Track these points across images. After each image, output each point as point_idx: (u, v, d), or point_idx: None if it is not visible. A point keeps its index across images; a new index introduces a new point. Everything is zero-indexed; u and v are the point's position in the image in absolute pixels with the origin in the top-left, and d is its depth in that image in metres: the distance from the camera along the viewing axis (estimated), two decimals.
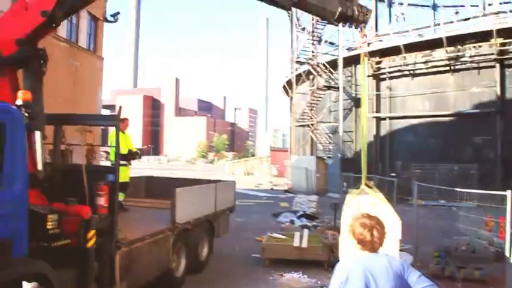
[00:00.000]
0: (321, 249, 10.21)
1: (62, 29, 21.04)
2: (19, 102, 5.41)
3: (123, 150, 9.13)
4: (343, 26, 8.53)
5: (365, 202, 6.51)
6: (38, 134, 5.88)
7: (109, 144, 9.07)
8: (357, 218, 3.20)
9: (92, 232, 5.65)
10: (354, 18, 8.02)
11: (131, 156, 9.64)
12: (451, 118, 27.67)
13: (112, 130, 8.96)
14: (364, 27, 8.41)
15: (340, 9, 7.75)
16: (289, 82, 39.19)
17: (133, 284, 6.63)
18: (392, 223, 5.93)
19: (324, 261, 10.14)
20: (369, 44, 31.65)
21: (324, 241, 10.34)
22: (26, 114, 5.31)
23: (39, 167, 5.85)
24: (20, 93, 5.55)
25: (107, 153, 11.58)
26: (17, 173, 4.66)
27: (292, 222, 16.10)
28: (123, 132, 9.60)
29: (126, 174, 9.59)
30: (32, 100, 5.63)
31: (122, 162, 8.34)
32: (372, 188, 7.08)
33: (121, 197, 8.87)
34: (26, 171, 4.88)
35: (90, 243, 5.66)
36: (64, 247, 5.30)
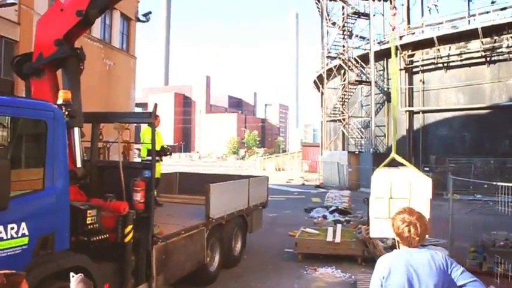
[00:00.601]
0: (354, 243, 10.18)
1: (96, 30, 21.47)
2: (60, 101, 5.60)
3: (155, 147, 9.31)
4: None
5: (395, 171, 6.56)
6: (76, 132, 6.06)
7: (141, 141, 9.25)
8: (398, 212, 3.16)
9: (130, 227, 5.80)
10: None
11: (163, 152, 9.75)
12: (487, 111, 26.94)
13: (144, 127, 9.18)
14: None
15: None
16: (320, 77, 38.94)
17: (169, 278, 6.77)
18: (424, 183, 6.17)
19: (357, 255, 10.11)
20: (401, 37, 31.17)
21: (357, 236, 10.30)
22: (66, 113, 5.49)
23: (78, 164, 6.03)
24: (60, 93, 5.74)
25: (139, 150, 11.77)
26: (58, 170, 4.82)
27: (324, 217, 16.06)
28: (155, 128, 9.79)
29: (157, 170, 9.62)
30: (72, 99, 5.82)
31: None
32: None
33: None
34: (67, 168, 5.04)
35: (128, 238, 5.81)
36: (103, 242, 5.45)
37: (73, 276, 2.78)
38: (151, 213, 6.24)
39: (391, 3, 8.92)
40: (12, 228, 4.22)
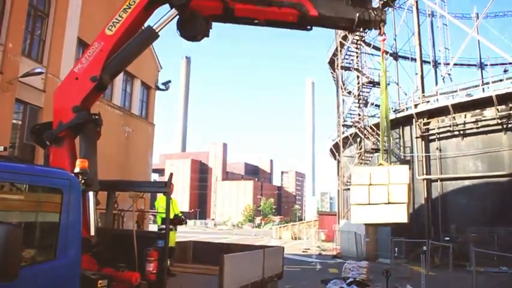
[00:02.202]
0: None
1: (117, 97, 22.09)
2: (77, 169, 5.63)
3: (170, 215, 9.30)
4: (364, 32, 8.50)
5: (376, 170, 6.89)
6: (91, 199, 6.06)
7: (156, 209, 9.20)
8: None
9: None
10: (372, 21, 7.95)
11: (177, 221, 9.68)
12: (507, 178, 26.51)
13: (159, 196, 9.16)
14: (383, 25, 8.26)
15: (357, 14, 7.72)
16: (336, 145, 39.12)
17: None
18: (401, 170, 6.62)
19: None
20: (416, 105, 31.46)
21: None
22: (83, 181, 5.51)
23: (92, 232, 5.97)
24: (78, 162, 5.78)
25: (154, 216, 11.76)
26: (71, 240, 4.77)
27: None
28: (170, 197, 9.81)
29: (172, 239, 9.48)
30: (88, 166, 5.86)
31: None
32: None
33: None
34: (80, 237, 4.99)
35: None
36: None
37: None
38: (163, 285, 6.08)
39: (380, 30, 9.01)
40: None
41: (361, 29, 8.18)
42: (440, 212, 29.02)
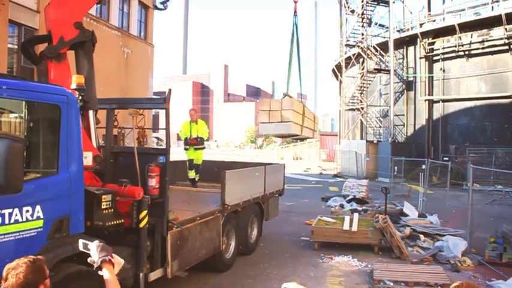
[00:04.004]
0: (371, 232, 10.07)
1: (114, 18, 21.53)
2: (73, 86, 5.58)
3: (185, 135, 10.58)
4: None
5: (274, 101, 9.52)
6: (91, 117, 6.06)
7: (180, 132, 10.06)
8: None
9: (144, 212, 5.80)
10: None
11: (193, 141, 10.56)
12: (510, 100, 26.29)
13: (185, 121, 9.74)
14: None
15: None
16: (338, 66, 38.57)
17: (184, 263, 6.76)
18: (289, 101, 9.44)
19: (374, 244, 10.02)
20: (421, 24, 30.66)
21: (374, 225, 10.19)
22: (80, 98, 5.47)
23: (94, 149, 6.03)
24: (74, 78, 5.72)
25: (158, 138, 12.26)
26: (72, 155, 4.81)
27: (341, 206, 15.96)
28: (196, 123, 10.77)
29: (199, 157, 10.81)
30: (85, 83, 5.80)
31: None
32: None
33: (192, 174, 10.63)
34: (81, 152, 5.03)
35: (143, 223, 5.81)
36: (118, 226, 5.45)
37: (85, 244, 2.73)
38: (166, 199, 6.23)
39: None
40: (27, 211, 4.24)
41: None
42: (440, 132, 29.15)
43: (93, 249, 2.64)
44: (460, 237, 10.22)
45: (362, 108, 33.41)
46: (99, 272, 2.59)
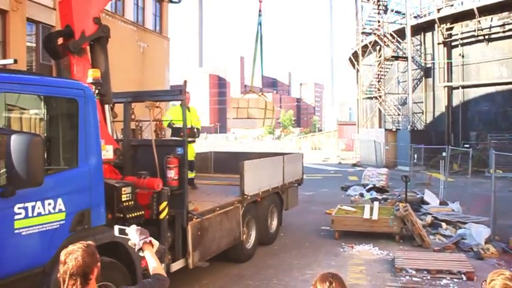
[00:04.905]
0: (392, 221, 9.99)
1: (129, 12, 21.62)
2: (89, 79, 5.62)
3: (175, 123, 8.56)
4: None
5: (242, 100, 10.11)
6: (107, 111, 6.11)
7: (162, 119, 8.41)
8: (504, 277, 2.57)
9: (164, 204, 5.84)
10: None
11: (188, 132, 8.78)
12: None
13: (171, 106, 9.15)
14: None
15: None
16: (355, 54, 38.23)
17: (205, 254, 6.80)
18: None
19: (395, 233, 9.95)
20: (439, 9, 30.12)
21: (395, 213, 10.11)
22: (96, 91, 5.51)
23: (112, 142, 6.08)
24: (90, 72, 5.76)
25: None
26: (91, 148, 4.85)
27: (361, 195, 15.85)
28: (188, 110, 8.64)
29: (190, 152, 8.52)
30: (102, 77, 5.84)
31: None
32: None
33: (191, 175, 8.80)
34: (99, 145, 5.07)
35: (163, 215, 5.85)
36: (139, 218, 5.49)
37: (122, 229, 2.89)
38: (185, 190, 6.26)
39: None
40: (49, 204, 4.29)
41: None
42: (460, 119, 28.65)
43: (133, 233, 2.81)
44: (483, 225, 10.07)
45: (380, 96, 33.07)
46: (140, 254, 2.78)
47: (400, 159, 26.92)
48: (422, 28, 30.96)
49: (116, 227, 2.97)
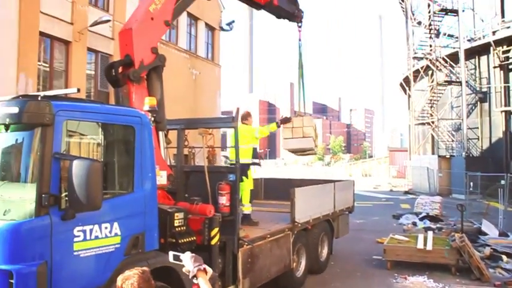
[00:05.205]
0: (447, 252, 9.63)
1: (182, 40, 22.31)
2: (146, 107, 5.80)
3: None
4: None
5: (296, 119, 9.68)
6: (161, 137, 6.27)
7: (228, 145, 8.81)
8: None
9: (216, 230, 5.88)
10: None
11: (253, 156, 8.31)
12: None
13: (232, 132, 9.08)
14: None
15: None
16: (406, 79, 37.64)
17: (255, 281, 6.76)
18: (308, 119, 9.79)
19: (450, 264, 9.56)
20: (494, 32, 29.33)
21: (450, 243, 9.74)
22: (152, 119, 5.68)
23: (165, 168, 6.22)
24: (146, 100, 5.95)
25: (225, 157, 11.94)
26: (146, 174, 4.99)
27: (414, 224, 15.41)
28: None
29: (249, 180, 8.15)
30: (157, 104, 6.02)
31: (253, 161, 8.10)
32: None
33: (247, 209, 8.09)
34: (154, 171, 5.20)
35: (215, 241, 5.88)
36: (190, 244, 5.55)
37: (177, 256, 2.93)
38: (236, 216, 6.30)
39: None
40: (106, 228, 4.43)
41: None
42: None
43: (187, 260, 2.83)
44: None
45: (433, 122, 32.28)
46: (194, 280, 2.79)
47: (454, 187, 26.01)
48: (477, 51, 30.21)
49: (171, 253, 3.02)
